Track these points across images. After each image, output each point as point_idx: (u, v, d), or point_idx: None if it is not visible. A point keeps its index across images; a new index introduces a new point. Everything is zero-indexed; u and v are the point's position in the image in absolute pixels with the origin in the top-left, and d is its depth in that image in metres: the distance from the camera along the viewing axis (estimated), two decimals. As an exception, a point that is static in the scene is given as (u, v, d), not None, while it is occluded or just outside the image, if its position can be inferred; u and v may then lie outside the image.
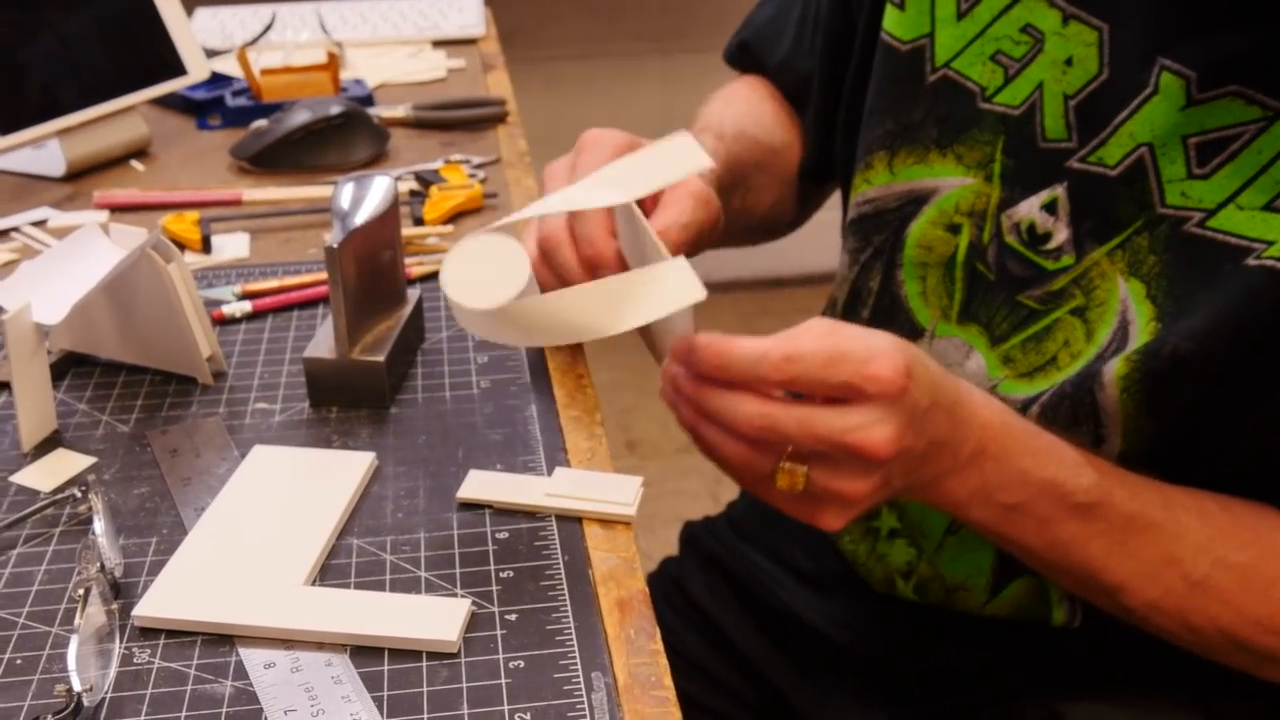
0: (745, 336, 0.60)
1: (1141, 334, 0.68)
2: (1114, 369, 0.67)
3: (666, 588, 1.00)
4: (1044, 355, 0.73)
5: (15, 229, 1.00)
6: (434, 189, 1.01)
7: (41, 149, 1.13)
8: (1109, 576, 0.67)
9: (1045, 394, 0.71)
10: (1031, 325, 0.74)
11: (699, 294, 0.58)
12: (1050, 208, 0.72)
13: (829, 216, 1.03)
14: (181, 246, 0.95)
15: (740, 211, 0.90)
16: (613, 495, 0.64)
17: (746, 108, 0.97)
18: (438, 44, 1.49)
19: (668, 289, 0.59)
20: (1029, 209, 0.73)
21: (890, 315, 0.81)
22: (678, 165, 0.63)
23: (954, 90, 0.78)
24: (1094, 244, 0.71)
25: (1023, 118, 0.74)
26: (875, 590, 0.84)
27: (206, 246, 0.95)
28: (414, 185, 1.04)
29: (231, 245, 0.96)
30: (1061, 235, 0.72)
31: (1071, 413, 0.70)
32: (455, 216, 1.00)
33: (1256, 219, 0.64)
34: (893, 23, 0.80)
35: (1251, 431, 0.67)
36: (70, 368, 0.78)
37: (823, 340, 0.58)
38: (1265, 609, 0.66)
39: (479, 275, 0.58)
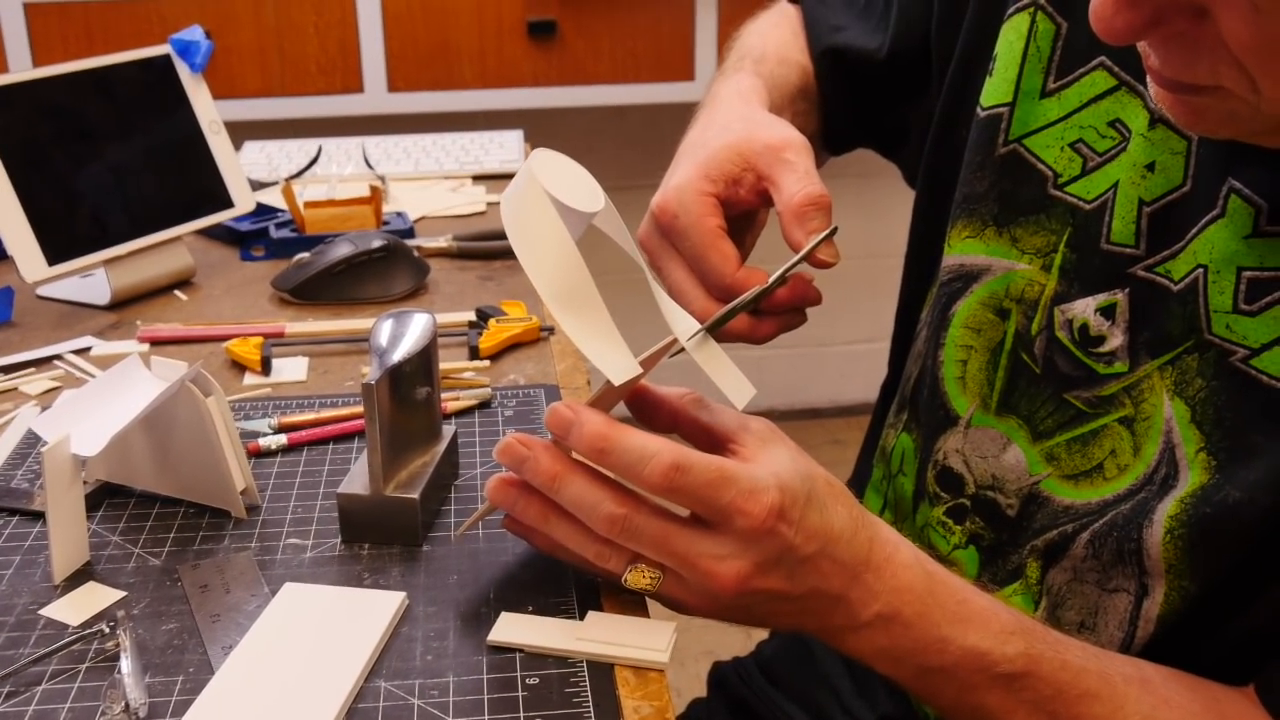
0: (635, 429, 0.61)
1: (1192, 465, 0.65)
2: (1166, 509, 0.65)
3: (696, 733, 0.98)
4: (1090, 460, 0.71)
5: (58, 357, 1.01)
6: (492, 321, 1.02)
7: (88, 277, 1.15)
8: None
9: (1098, 522, 0.69)
10: (1078, 427, 0.71)
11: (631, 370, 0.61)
12: (1108, 312, 0.70)
13: (860, 350, 1.03)
14: (243, 368, 0.98)
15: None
16: (646, 641, 0.63)
17: (791, 36, 0.96)
18: (478, 178, 1.52)
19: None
20: (1084, 308, 0.71)
21: (930, 398, 0.80)
22: None
23: (1022, 169, 0.75)
24: (1147, 356, 0.68)
25: (1093, 214, 0.71)
26: None
27: (266, 368, 0.97)
28: (472, 317, 1.05)
29: (290, 368, 0.99)
30: (1116, 341, 0.70)
31: (1117, 548, 0.68)
32: (510, 348, 1.01)
33: None
34: (985, 92, 0.78)
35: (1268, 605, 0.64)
36: (105, 498, 0.78)
37: (714, 459, 0.59)
38: None
39: (567, 182, 0.63)
